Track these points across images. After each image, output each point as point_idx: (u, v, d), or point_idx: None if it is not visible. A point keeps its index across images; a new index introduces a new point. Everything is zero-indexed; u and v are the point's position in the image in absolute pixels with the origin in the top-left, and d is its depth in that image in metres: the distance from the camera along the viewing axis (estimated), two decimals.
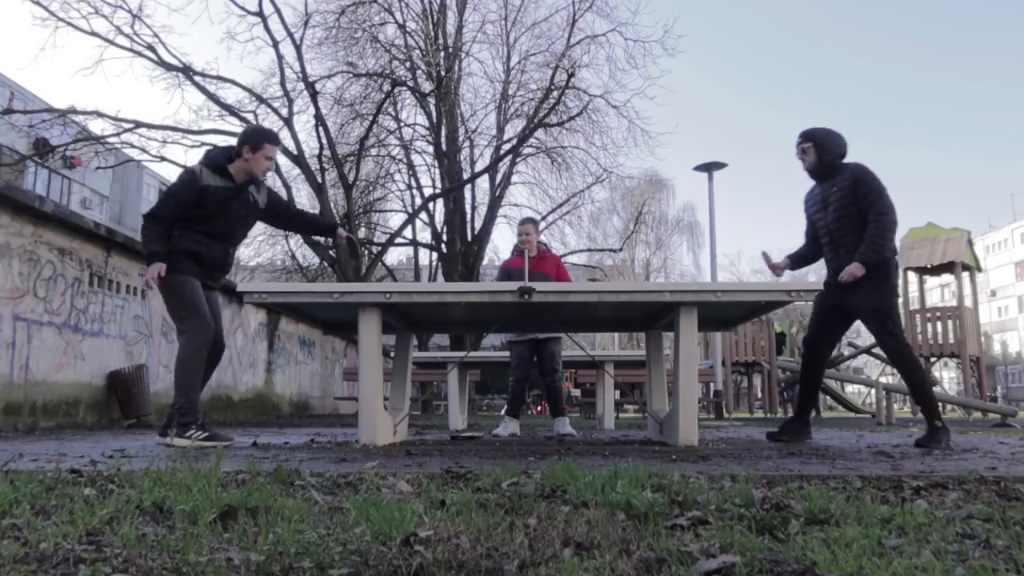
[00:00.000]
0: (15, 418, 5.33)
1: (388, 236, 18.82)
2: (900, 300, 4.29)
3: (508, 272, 5.49)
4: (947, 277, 15.12)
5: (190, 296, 3.87)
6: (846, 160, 4.26)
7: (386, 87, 16.16)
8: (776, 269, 4.53)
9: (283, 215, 4.44)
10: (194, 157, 15.93)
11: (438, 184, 18.48)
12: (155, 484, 1.90)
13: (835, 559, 1.18)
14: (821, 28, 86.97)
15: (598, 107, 17.41)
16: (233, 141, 4.27)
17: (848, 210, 4.12)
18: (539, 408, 18.27)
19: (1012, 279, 56.81)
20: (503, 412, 5.60)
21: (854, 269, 4.02)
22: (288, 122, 14.63)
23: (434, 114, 17.81)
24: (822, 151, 4.23)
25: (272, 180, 15.92)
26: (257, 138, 4.01)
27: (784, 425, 4.53)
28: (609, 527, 1.46)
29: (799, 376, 4.59)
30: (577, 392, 15.36)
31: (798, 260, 4.55)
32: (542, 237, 5.93)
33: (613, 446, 4.01)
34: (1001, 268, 57.25)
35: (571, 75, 15.71)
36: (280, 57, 14.30)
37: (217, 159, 4.03)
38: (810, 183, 4.41)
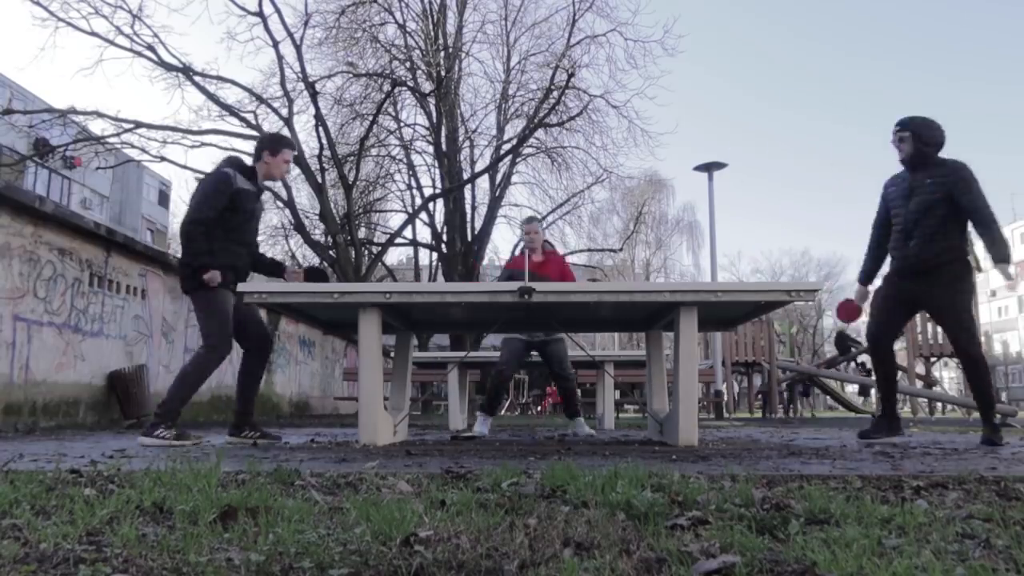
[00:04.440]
0: (15, 418, 5.33)
1: (388, 236, 18.81)
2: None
3: (510, 273, 5.41)
4: None
5: (223, 315, 4.02)
6: (943, 154, 4.18)
7: (386, 87, 16.15)
8: (861, 302, 4.54)
9: None
10: (194, 157, 15.85)
11: (438, 184, 18.47)
12: (155, 484, 1.90)
13: (835, 559, 1.18)
14: (821, 27, 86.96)
15: (598, 107, 17.42)
16: (234, 142, 4.41)
17: (933, 203, 4.07)
18: (539, 408, 18.25)
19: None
20: (481, 408, 5.43)
21: (1006, 270, 3.96)
22: (288, 122, 14.61)
23: (434, 114, 17.79)
24: (919, 140, 4.16)
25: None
26: (277, 143, 4.35)
27: (875, 424, 4.42)
28: (609, 527, 1.46)
29: (876, 374, 4.46)
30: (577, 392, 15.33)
31: (871, 273, 4.50)
32: (547, 237, 5.89)
33: (613, 446, 4.01)
34: None
35: (571, 75, 15.70)
36: (280, 57, 14.29)
37: (242, 162, 4.24)
38: (895, 170, 4.36)
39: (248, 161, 4.29)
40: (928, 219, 4.10)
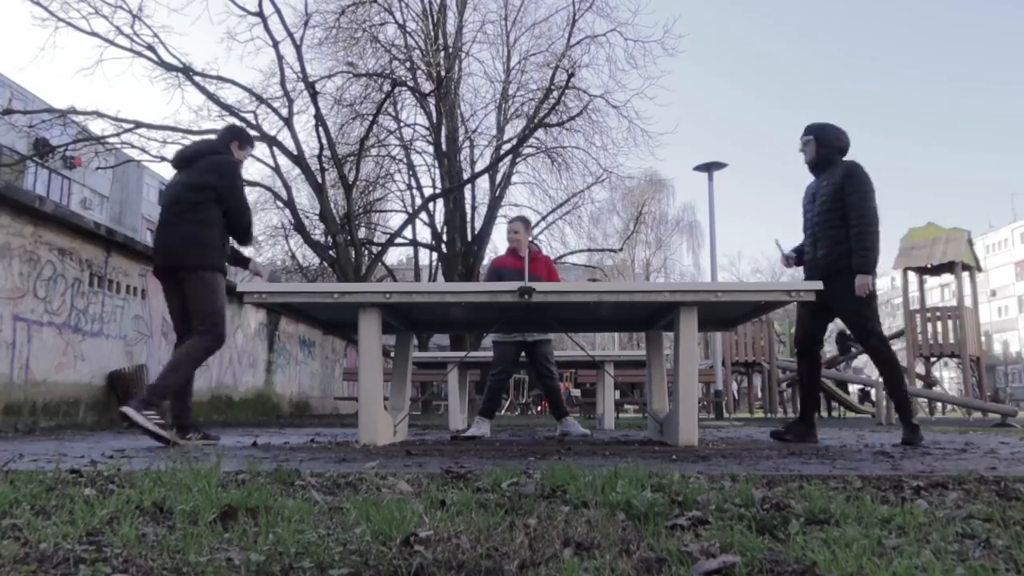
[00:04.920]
0: (15, 418, 5.33)
1: (388, 236, 18.81)
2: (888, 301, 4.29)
3: (498, 271, 5.26)
4: (947, 277, 15.11)
5: (224, 301, 4.04)
6: (847, 157, 4.26)
7: (386, 87, 16.14)
8: (787, 262, 4.51)
9: None
10: None
11: (438, 184, 18.46)
12: (155, 484, 1.90)
13: (835, 559, 1.18)
14: (821, 26, 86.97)
15: (598, 107, 17.41)
16: None
17: (832, 206, 4.14)
18: (539, 408, 18.25)
19: (1012, 279, 56.82)
20: (480, 412, 5.31)
21: (863, 281, 4.01)
22: (288, 122, 14.61)
23: (434, 114, 17.78)
24: (821, 145, 4.26)
25: (272, 180, 15.96)
26: (246, 137, 4.45)
27: (789, 425, 4.55)
28: (609, 527, 1.46)
29: (799, 379, 4.59)
30: (577, 392, 15.37)
31: (799, 255, 4.54)
32: (544, 237, 5.86)
33: (613, 446, 4.01)
34: (1001, 268, 57.26)
35: (571, 75, 15.69)
36: (280, 57, 14.27)
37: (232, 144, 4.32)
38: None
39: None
40: (830, 222, 4.15)
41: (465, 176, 18.32)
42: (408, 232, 18.97)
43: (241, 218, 4.13)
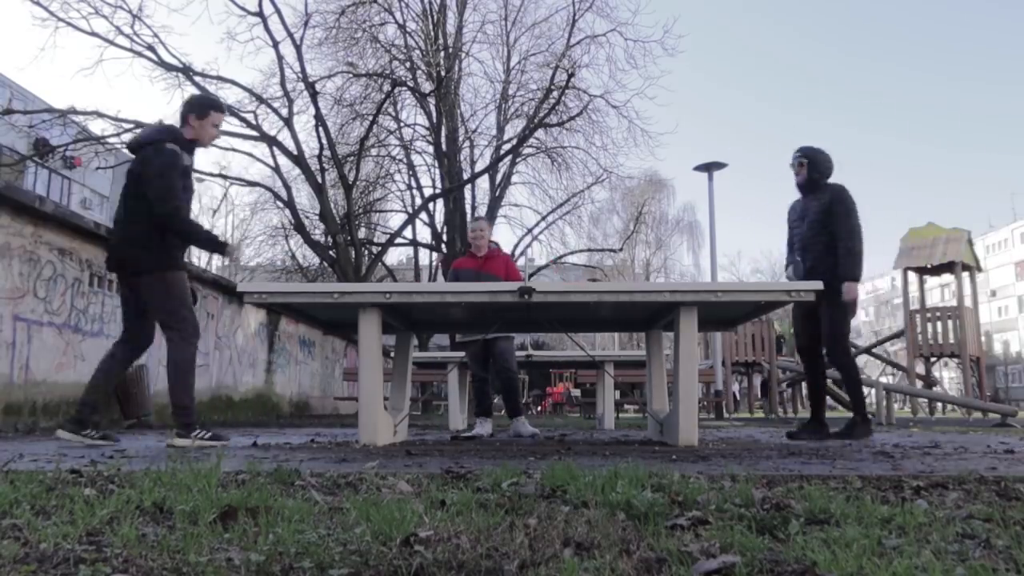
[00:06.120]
0: (15, 418, 5.33)
1: (388, 236, 18.81)
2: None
3: (456, 272, 5.45)
4: (947, 277, 15.11)
5: (186, 294, 3.82)
6: (832, 180, 4.56)
7: (386, 87, 16.14)
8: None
9: None
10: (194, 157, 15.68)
11: (438, 184, 18.46)
12: (155, 484, 1.90)
13: (835, 559, 1.18)
14: (821, 28, 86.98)
15: (598, 107, 17.41)
16: (233, 141, 4.36)
17: (821, 227, 4.43)
18: (539, 408, 18.25)
19: (1012, 279, 56.80)
20: (475, 413, 5.59)
21: (851, 289, 4.31)
22: (288, 122, 14.60)
23: (434, 114, 17.78)
24: (813, 168, 4.53)
25: (272, 180, 15.95)
26: (202, 106, 3.91)
27: (803, 426, 4.68)
28: (609, 527, 1.46)
29: (808, 382, 4.83)
30: (577, 392, 15.39)
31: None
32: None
33: (613, 446, 4.01)
34: (1001, 268, 57.24)
35: (571, 75, 15.69)
36: (280, 57, 14.27)
37: (177, 133, 3.85)
38: (795, 196, 4.73)
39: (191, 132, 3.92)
40: (818, 238, 4.44)
41: (465, 176, 18.32)
42: (408, 232, 18.98)
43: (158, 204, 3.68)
